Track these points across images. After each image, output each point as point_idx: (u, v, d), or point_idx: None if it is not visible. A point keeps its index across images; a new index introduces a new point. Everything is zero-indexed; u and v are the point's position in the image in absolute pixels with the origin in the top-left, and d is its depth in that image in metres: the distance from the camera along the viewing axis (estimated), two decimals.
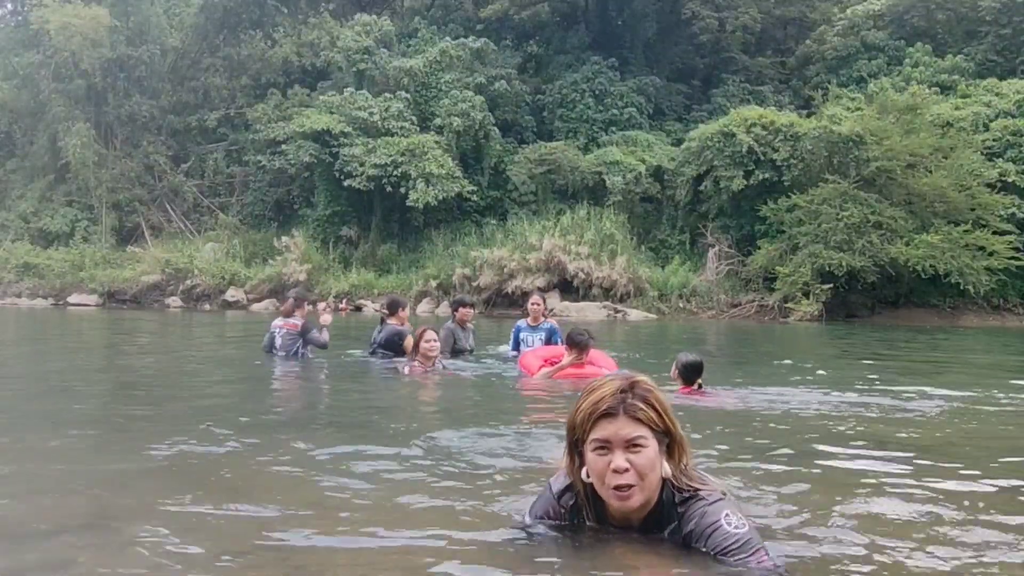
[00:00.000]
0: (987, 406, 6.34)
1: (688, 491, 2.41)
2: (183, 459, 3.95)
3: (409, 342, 8.50)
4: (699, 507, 2.38)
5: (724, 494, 2.47)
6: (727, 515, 2.35)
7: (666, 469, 2.42)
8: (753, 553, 2.29)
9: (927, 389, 7.14)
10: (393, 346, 8.92)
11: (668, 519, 2.43)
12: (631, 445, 2.35)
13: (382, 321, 9.46)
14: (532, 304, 9.81)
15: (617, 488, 2.36)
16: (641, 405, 2.37)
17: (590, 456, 2.40)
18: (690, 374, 6.07)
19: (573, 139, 32.37)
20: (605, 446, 2.36)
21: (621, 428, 2.35)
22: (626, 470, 2.34)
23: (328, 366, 8.97)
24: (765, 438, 4.80)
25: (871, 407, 6.08)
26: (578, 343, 7.28)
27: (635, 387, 2.41)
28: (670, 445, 2.44)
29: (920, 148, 24.31)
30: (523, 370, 8.00)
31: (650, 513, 2.44)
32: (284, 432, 4.95)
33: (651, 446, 2.37)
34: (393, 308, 9.40)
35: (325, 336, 9.07)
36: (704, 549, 2.34)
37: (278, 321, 9.39)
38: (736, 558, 2.29)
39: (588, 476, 2.44)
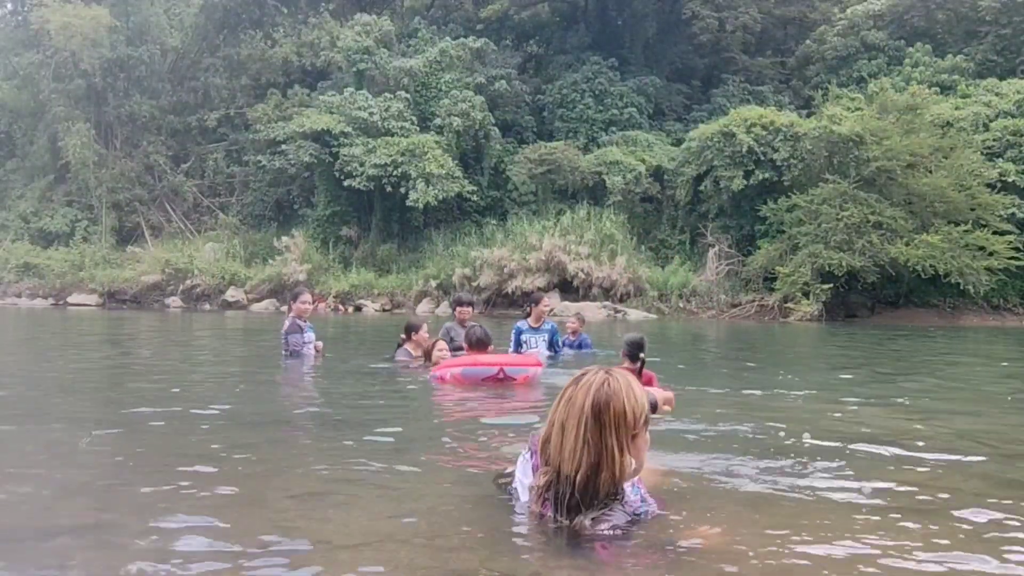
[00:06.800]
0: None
1: None
2: (180, 458, 3.95)
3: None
4: None
5: None
6: None
7: None
8: None
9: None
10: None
11: None
12: None
13: (398, 346, 8.80)
14: (543, 305, 9.71)
15: None
16: None
17: (644, 435, 2.62)
18: (633, 350, 6.35)
19: (573, 139, 32.36)
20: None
21: None
22: None
23: (335, 366, 8.95)
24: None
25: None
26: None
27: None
28: None
29: (920, 148, 24.30)
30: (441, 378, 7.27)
31: None
32: (281, 431, 4.95)
33: None
34: (407, 331, 8.77)
35: (303, 348, 8.75)
36: None
37: None
38: None
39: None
